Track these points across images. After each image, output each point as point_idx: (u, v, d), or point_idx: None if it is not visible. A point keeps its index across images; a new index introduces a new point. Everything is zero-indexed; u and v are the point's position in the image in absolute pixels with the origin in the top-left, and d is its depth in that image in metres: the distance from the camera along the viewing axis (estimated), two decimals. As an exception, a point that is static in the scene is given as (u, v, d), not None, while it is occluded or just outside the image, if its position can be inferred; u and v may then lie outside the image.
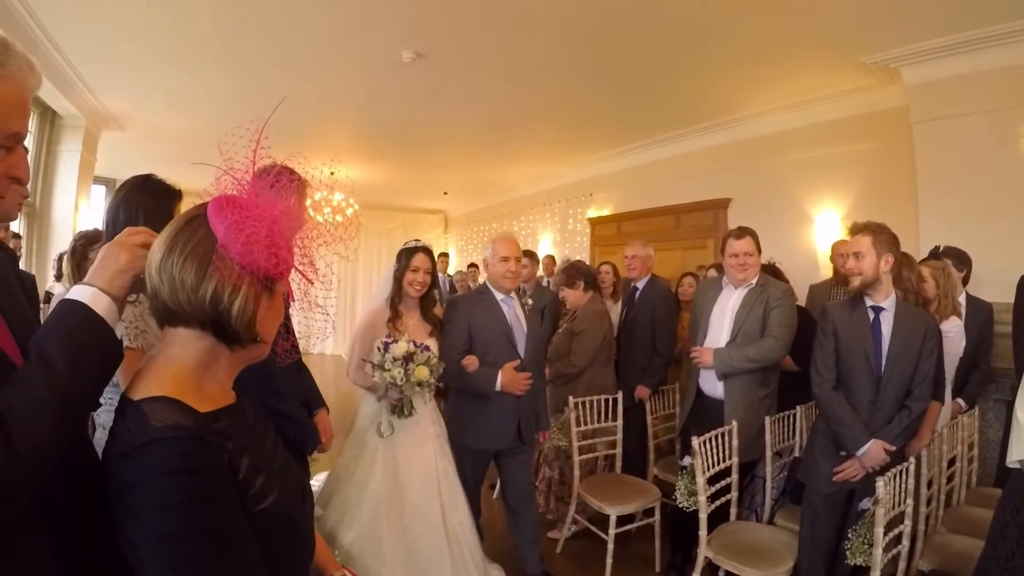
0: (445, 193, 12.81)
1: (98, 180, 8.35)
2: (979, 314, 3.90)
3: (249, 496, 1.02)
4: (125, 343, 1.75)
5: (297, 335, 1.98)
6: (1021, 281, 3.30)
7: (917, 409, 2.91)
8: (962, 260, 4.08)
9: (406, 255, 3.25)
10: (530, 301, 3.70)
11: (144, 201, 2.06)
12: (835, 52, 5.10)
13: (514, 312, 3.50)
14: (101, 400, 1.05)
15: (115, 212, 2.06)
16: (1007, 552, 2.24)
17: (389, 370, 2.84)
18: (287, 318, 1.37)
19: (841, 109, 6.03)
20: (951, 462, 3.43)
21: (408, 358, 2.88)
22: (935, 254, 3.87)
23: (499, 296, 3.47)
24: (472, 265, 10.44)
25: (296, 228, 1.11)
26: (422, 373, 2.88)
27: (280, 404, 2.02)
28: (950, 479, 3.44)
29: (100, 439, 1.68)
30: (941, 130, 4.87)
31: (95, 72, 5.86)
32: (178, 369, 1.03)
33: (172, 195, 2.13)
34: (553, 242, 10.66)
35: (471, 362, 3.29)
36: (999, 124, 4.57)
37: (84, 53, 5.39)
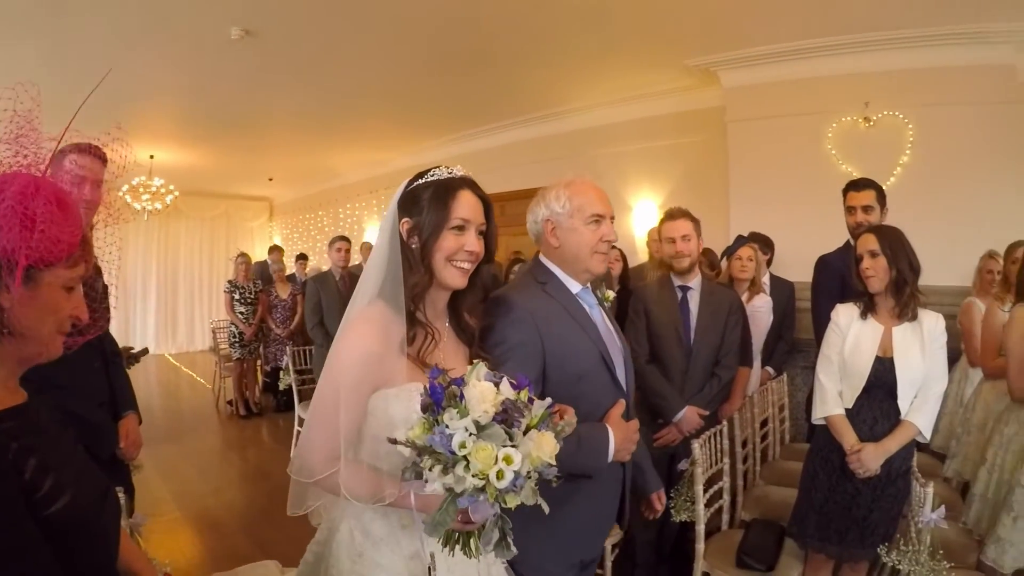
0: (270, 179, 12.34)
1: None
2: (782, 292, 4.36)
3: (37, 499, 0.97)
4: None
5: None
6: (818, 262, 3.64)
7: (726, 376, 3.24)
8: (767, 244, 4.60)
9: (435, 195, 1.58)
10: (611, 293, 2.11)
11: None
12: (660, 54, 5.45)
13: (600, 316, 1.99)
14: None
15: None
16: (821, 499, 2.53)
17: (466, 459, 1.15)
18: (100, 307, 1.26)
19: (663, 106, 6.48)
20: (764, 423, 3.78)
21: (509, 419, 1.19)
22: (740, 242, 4.26)
23: (574, 287, 1.92)
24: (302, 256, 9.73)
25: (61, 210, 1.00)
26: (546, 448, 1.21)
27: (62, 398, 1.81)
28: (765, 438, 3.79)
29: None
30: (753, 129, 5.43)
31: None
32: None
33: None
34: (380, 230, 10.55)
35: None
36: (805, 126, 5.19)
37: None
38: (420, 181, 1.63)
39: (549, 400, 1.29)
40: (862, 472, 2.35)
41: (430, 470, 1.16)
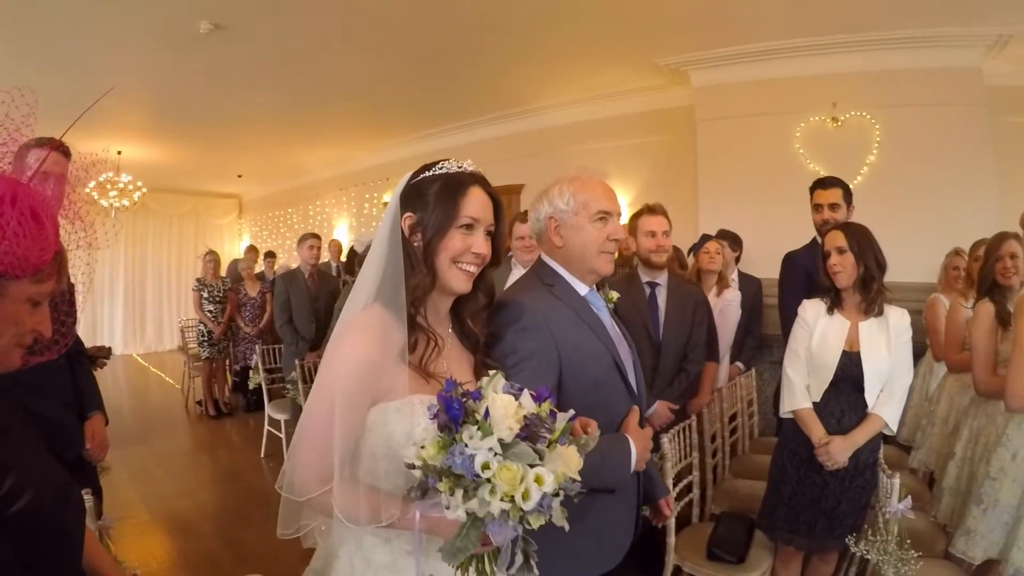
0: (239, 176, 12.18)
1: None
2: (750, 288, 4.44)
3: None
4: None
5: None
6: (784, 259, 3.69)
7: (694, 371, 3.28)
8: (736, 241, 4.65)
9: (443, 190, 1.41)
10: (615, 294, 2.01)
11: None
12: (630, 53, 5.49)
13: (609, 319, 1.88)
14: None
15: None
16: (789, 492, 2.57)
17: (490, 481, 1.03)
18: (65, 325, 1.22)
19: (633, 105, 6.56)
20: (733, 417, 3.82)
21: (532, 435, 1.08)
22: (706, 239, 4.30)
23: (582, 289, 1.81)
24: (270, 254, 9.59)
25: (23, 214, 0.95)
26: (572, 463, 1.12)
27: (25, 398, 1.75)
28: (733, 432, 3.83)
29: None
30: (722, 128, 5.51)
31: None
32: None
33: None
34: (349, 227, 10.58)
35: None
36: (773, 126, 5.30)
37: None
38: (427, 173, 1.44)
39: (572, 412, 1.18)
40: (830, 464, 2.39)
41: (451, 495, 1.05)
